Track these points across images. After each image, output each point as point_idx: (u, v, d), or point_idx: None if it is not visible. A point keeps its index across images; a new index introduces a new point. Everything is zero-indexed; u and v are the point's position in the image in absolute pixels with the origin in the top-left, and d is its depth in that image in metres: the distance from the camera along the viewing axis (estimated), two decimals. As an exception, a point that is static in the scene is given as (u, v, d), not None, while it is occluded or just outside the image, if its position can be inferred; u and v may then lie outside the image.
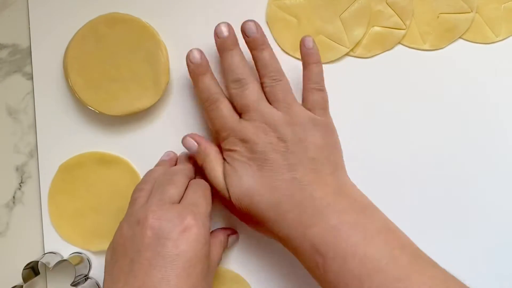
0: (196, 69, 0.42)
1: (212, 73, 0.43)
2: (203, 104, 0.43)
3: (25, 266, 0.44)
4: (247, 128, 0.40)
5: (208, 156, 0.42)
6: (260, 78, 0.42)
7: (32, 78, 0.47)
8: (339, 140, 0.42)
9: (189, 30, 0.46)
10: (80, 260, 0.45)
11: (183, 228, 0.36)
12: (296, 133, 0.39)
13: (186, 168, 0.42)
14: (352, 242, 0.35)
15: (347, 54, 0.46)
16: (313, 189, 0.38)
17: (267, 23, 0.46)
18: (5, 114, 0.47)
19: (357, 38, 0.45)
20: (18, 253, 0.46)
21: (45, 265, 0.44)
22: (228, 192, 0.40)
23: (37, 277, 0.46)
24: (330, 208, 0.37)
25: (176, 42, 0.46)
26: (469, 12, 0.45)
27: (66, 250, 0.46)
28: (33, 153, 0.47)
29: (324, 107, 0.41)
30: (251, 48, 0.42)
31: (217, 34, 0.42)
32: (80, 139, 0.46)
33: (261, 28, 0.42)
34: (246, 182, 0.39)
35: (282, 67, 0.43)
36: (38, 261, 0.44)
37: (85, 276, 0.45)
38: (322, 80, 0.42)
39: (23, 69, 0.47)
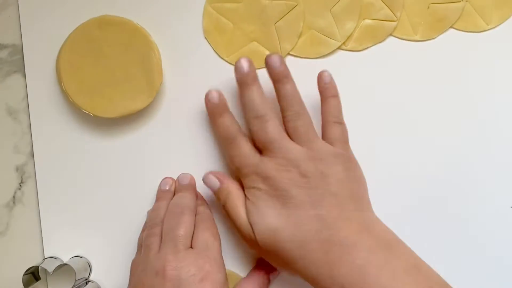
0: (214, 109, 0.43)
1: (230, 112, 0.43)
2: (222, 143, 0.43)
3: (25, 271, 0.44)
4: (268, 165, 0.39)
5: (230, 194, 0.41)
6: (282, 112, 0.41)
7: (31, 79, 0.47)
8: (363, 174, 0.41)
9: (180, 30, 0.47)
10: (80, 263, 0.45)
11: (201, 277, 0.37)
12: (318, 168, 0.38)
13: (189, 202, 0.42)
14: (381, 283, 0.35)
15: (339, 48, 0.46)
16: (338, 227, 0.37)
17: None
18: (5, 114, 0.47)
19: (349, 31, 0.45)
20: (18, 252, 0.46)
21: (45, 270, 0.44)
22: (253, 230, 0.39)
23: (38, 282, 0.46)
24: (356, 247, 0.36)
25: (168, 43, 0.46)
26: (459, 1, 0.45)
27: (66, 252, 0.46)
28: (33, 153, 0.47)
29: (344, 140, 0.41)
30: (274, 81, 0.41)
31: (237, 70, 0.41)
32: (76, 141, 0.47)
33: (284, 62, 0.41)
34: (270, 221, 0.38)
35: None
36: (38, 266, 0.44)
37: (86, 279, 0.45)
38: (341, 113, 0.42)
39: (23, 69, 0.47)
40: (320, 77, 0.42)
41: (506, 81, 0.45)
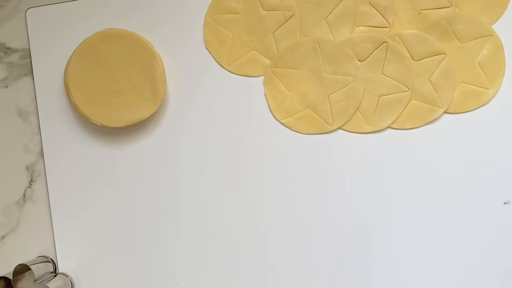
0: None
1: None
2: None
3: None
4: None
5: None
6: None
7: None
8: None
9: (182, 40, 0.49)
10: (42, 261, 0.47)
11: None
12: None
13: None
14: None
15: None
16: None
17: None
18: (15, 116, 0.49)
19: (343, 37, 0.47)
20: (29, 248, 0.48)
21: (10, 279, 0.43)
22: None
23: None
24: None
25: (171, 53, 0.48)
26: (449, 7, 0.47)
27: (78, 246, 0.48)
28: (43, 152, 0.49)
29: None
30: None
31: None
32: (84, 142, 0.49)
33: None
34: None
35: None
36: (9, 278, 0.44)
37: (52, 272, 0.47)
38: None
39: (33, 72, 0.49)
40: None
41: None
